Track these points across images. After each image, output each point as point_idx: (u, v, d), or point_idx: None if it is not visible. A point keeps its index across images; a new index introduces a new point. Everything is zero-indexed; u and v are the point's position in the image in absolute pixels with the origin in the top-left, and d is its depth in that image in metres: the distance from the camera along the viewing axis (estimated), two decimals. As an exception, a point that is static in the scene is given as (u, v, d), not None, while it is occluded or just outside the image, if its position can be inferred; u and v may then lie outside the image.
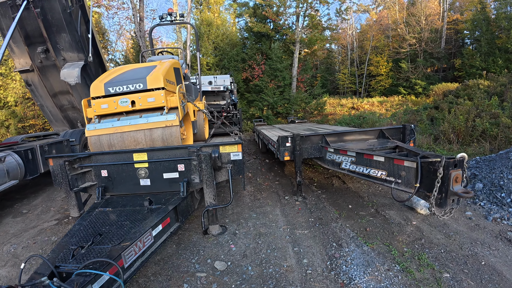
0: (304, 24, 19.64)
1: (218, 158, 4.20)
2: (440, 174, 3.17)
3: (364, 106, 25.15)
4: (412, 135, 6.01)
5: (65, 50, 7.00)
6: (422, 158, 3.61)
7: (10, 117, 13.70)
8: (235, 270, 3.41)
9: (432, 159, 3.32)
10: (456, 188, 3.17)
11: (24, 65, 7.62)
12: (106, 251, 2.67)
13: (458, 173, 3.18)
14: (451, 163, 3.16)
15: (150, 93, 4.41)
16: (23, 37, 6.61)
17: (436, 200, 3.29)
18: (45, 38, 6.54)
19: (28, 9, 5.84)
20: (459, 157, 3.23)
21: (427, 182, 3.40)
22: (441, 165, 3.15)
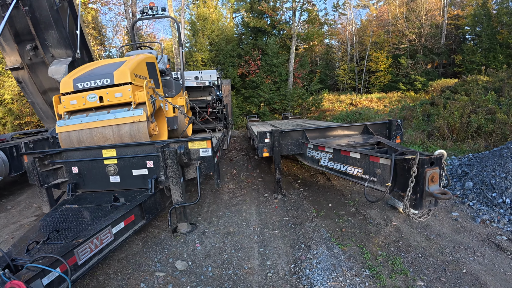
0: (301, 19, 19.16)
1: (184, 155, 3.93)
2: (414, 173, 2.82)
3: (362, 102, 24.64)
4: (399, 131, 5.66)
5: (53, 47, 6.92)
6: (398, 155, 3.28)
7: (7, 114, 13.54)
8: (194, 270, 3.23)
9: (406, 156, 2.97)
10: (432, 188, 2.82)
11: (15, 63, 7.58)
12: (58, 247, 2.61)
13: (434, 172, 2.83)
14: (427, 160, 2.81)
15: (117, 88, 4.24)
16: (13, 35, 6.53)
17: (410, 200, 2.94)
18: (33, 35, 6.43)
19: (17, 7, 5.75)
20: (437, 154, 2.87)
21: (402, 181, 3.06)
22: (415, 162, 2.80)
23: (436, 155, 2.86)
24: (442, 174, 2.96)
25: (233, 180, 6.70)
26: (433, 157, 2.83)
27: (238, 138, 13.03)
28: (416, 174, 2.83)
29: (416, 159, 2.80)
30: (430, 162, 2.83)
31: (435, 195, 2.72)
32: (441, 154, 2.88)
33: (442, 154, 2.88)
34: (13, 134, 8.09)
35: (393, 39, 28.26)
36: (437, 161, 2.86)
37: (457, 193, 4.84)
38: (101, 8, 16.74)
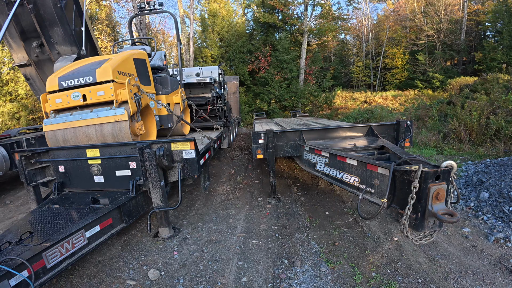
0: (313, 13, 18.38)
1: (163, 157, 3.61)
2: (415, 188, 2.32)
3: (377, 100, 23.66)
4: (408, 133, 5.09)
5: (58, 44, 6.87)
6: (400, 165, 2.78)
7: (21, 109, 13.77)
8: (165, 281, 2.97)
9: (408, 168, 2.47)
10: (437, 207, 2.32)
11: (22, 60, 7.64)
12: (27, 250, 2.55)
13: (440, 188, 2.32)
14: (431, 174, 2.31)
15: (99, 87, 4.02)
16: (19, 32, 6.46)
17: (410, 220, 2.45)
18: (39, 32, 6.34)
19: (22, 5, 5.69)
20: (444, 167, 2.36)
21: (401, 197, 2.56)
22: (417, 176, 2.31)
23: (443, 168, 2.35)
24: (450, 190, 2.45)
25: (230, 181, 6.32)
26: (440, 170, 2.33)
27: (244, 136, 12.63)
28: (418, 189, 2.34)
29: (418, 172, 2.30)
30: (436, 176, 2.33)
31: (439, 217, 2.22)
32: (449, 166, 2.36)
33: (451, 167, 2.37)
34: (20, 130, 8.16)
35: (411, 35, 26.85)
36: (444, 175, 2.35)
37: (470, 205, 4.26)
38: (112, 4, 16.66)
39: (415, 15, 26.16)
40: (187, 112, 6.82)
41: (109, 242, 3.90)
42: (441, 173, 2.34)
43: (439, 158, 7.12)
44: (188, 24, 16.22)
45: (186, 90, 7.99)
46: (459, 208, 4.26)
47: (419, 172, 2.30)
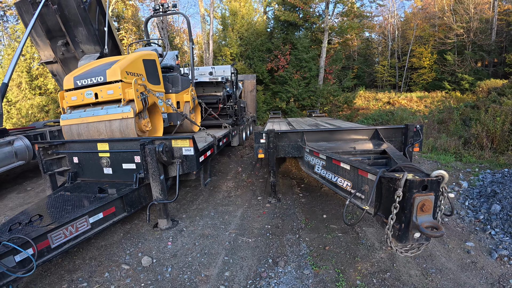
0: (334, 11, 17.85)
1: (163, 153, 3.72)
2: (398, 197, 2.20)
3: (401, 101, 22.60)
4: (417, 138, 4.83)
5: (82, 43, 7.22)
6: (392, 172, 2.64)
7: (50, 102, 14.63)
8: (155, 269, 3.12)
9: (393, 175, 2.33)
10: (422, 219, 2.18)
11: (48, 57, 8.09)
12: (35, 231, 2.76)
13: (426, 199, 2.18)
14: (417, 183, 2.17)
15: (109, 86, 4.26)
16: (45, 31, 6.79)
17: (393, 230, 2.32)
18: (64, 32, 6.64)
19: (47, 5, 5.98)
20: (434, 176, 2.21)
21: (386, 205, 2.43)
22: (400, 184, 2.17)
23: (432, 177, 2.20)
24: (440, 202, 2.29)
25: (235, 178, 6.35)
26: (427, 179, 2.18)
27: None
28: (402, 199, 2.21)
29: (401, 180, 2.17)
30: (422, 185, 2.19)
31: (422, 230, 2.09)
32: (439, 176, 2.21)
33: (441, 177, 2.22)
34: (46, 122, 8.68)
35: (439, 33, 25.31)
36: (432, 185, 2.20)
37: (480, 217, 3.96)
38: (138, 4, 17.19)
39: (443, 13, 24.61)
40: (198, 110, 6.92)
41: (113, 229, 4.12)
42: (429, 183, 2.19)
43: (456, 165, 6.69)
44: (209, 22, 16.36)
45: (199, 88, 8.11)
46: (467, 220, 3.99)
47: (402, 181, 2.17)
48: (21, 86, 13.07)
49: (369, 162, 3.60)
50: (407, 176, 2.18)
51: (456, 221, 4.04)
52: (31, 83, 13.32)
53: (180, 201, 5.10)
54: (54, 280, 3.01)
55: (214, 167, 7.29)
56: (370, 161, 3.61)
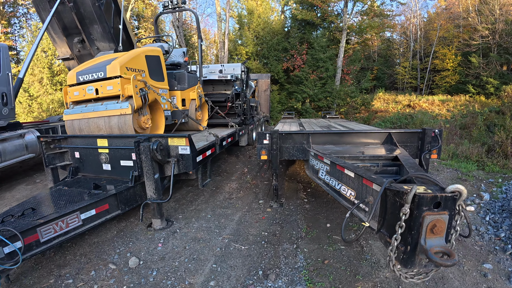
0: (353, 10, 17.13)
1: (157, 151, 3.53)
2: (404, 215, 1.85)
3: (421, 105, 21.50)
4: (435, 144, 4.38)
5: (98, 40, 7.28)
6: (401, 182, 2.29)
7: (69, 97, 14.94)
8: (140, 271, 2.97)
9: (400, 188, 1.98)
10: (432, 243, 1.82)
11: (65, 54, 8.22)
12: (25, 224, 2.73)
13: (438, 219, 1.81)
14: (428, 200, 1.81)
15: (109, 82, 4.17)
16: (61, 29, 6.87)
17: (397, 252, 1.97)
18: (80, 29, 6.70)
19: (63, 3, 6.03)
20: (449, 192, 1.84)
21: (391, 223, 2.08)
22: (407, 200, 1.82)
23: (446, 193, 1.83)
24: (456, 222, 1.91)
25: (239, 179, 6.09)
26: (440, 195, 1.81)
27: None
28: (408, 217, 1.85)
29: (409, 195, 1.82)
30: (434, 202, 1.82)
31: (430, 256, 1.73)
32: (456, 192, 1.84)
33: (459, 192, 1.84)
34: (61, 117, 8.81)
35: (464, 35, 23.82)
36: (446, 203, 1.83)
37: (501, 235, 3.48)
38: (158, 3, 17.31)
39: (468, 14, 23.10)
40: (205, 108, 6.73)
41: (108, 225, 4.02)
42: (442, 199, 1.82)
43: (478, 174, 6.10)
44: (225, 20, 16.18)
45: (209, 86, 7.93)
46: (486, 237, 3.51)
47: (410, 195, 1.81)
48: (42, 81, 13.48)
49: (377, 170, 3.24)
50: (417, 190, 1.82)
51: (475, 238, 3.58)
52: (52, 79, 13.71)
53: (179, 201, 4.91)
54: (43, 274, 2.98)
55: (220, 167, 7.07)
56: (378, 168, 3.24)
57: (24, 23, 18.68)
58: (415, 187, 1.81)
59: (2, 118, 5.55)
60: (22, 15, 19.55)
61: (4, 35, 17.84)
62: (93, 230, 3.90)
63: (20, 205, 3.42)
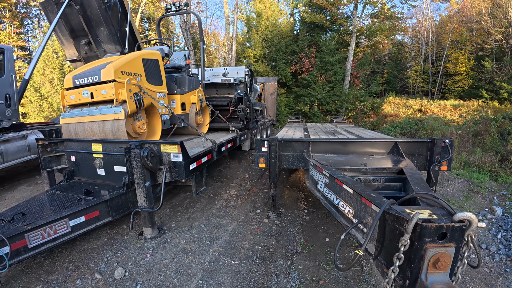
0: (363, 12, 16.69)
1: (147, 158, 3.38)
2: (403, 246, 1.59)
3: (433, 110, 20.86)
4: (446, 155, 4.07)
5: (104, 43, 7.23)
6: (402, 204, 2.04)
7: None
8: (124, 283, 2.84)
9: (401, 213, 1.73)
10: (434, 278, 1.56)
11: (73, 56, 8.22)
12: (14, 229, 2.72)
13: (443, 252, 1.56)
14: (432, 230, 1.55)
15: (103, 86, 4.08)
16: (69, 31, 6.85)
17: (395, 286, 1.71)
18: (86, 31, 6.65)
19: (70, 6, 6.01)
20: (457, 221, 1.58)
21: (389, 251, 1.82)
22: (408, 230, 1.57)
23: (454, 223, 1.57)
24: (463, 255, 1.65)
25: (239, 186, 5.89)
26: (447, 226, 1.55)
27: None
28: (408, 248, 1.60)
29: (409, 224, 1.57)
30: (439, 233, 1.56)
31: (433, 297, 1.47)
32: (466, 220, 1.57)
33: (468, 221, 1.57)
34: None
35: (477, 38, 22.97)
36: (453, 234, 1.57)
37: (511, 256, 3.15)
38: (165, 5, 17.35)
39: (481, 17, 22.26)
40: (207, 112, 6.56)
41: (100, 232, 3.91)
42: (449, 230, 1.56)
43: (491, 186, 5.70)
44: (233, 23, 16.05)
45: (212, 90, 7.77)
46: (497, 257, 3.19)
47: (411, 225, 1.56)
48: (53, 82, 13.65)
49: (379, 185, 2.97)
50: (419, 217, 1.56)
51: (485, 258, 3.25)
52: (62, 79, 13.89)
53: (175, 208, 4.74)
54: (32, 279, 2.95)
55: (221, 172, 6.89)
56: (379, 183, 2.97)
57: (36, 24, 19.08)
58: (417, 215, 1.55)
59: (5, 119, 5.54)
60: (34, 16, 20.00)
61: (16, 35, 18.27)
62: (84, 236, 3.79)
63: (12, 209, 3.38)
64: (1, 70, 5.40)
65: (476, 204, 4.93)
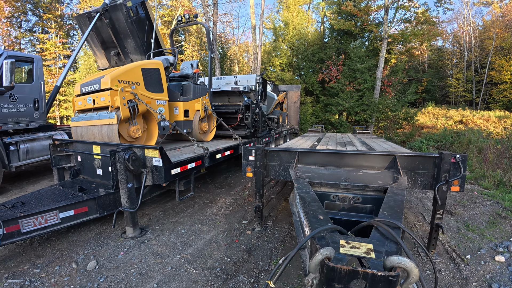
0: (395, 17, 15.50)
1: (128, 161, 3.46)
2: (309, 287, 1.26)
3: (475, 121, 18.57)
4: (456, 173, 3.44)
5: (131, 53, 7.68)
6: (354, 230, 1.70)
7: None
8: (91, 275, 2.96)
9: (320, 245, 1.39)
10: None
11: (104, 65, 8.87)
12: (9, 215, 3.07)
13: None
14: (342, 274, 1.20)
15: (102, 93, 4.30)
16: (100, 42, 7.38)
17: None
18: (115, 43, 7.06)
19: (101, 19, 6.45)
20: (388, 267, 1.20)
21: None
22: (310, 267, 1.24)
23: (380, 270, 1.20)
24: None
25: (237, 194, 5.68)
26: (363, 272, 1.19)
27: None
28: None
29: (312, 261, 1.23)
30: (354, 281, 1.20)
31: None
32: (399, 269, 1.19)
33: (406, 271, 1.19)
34: None
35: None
36: (375, 285, 1.20)
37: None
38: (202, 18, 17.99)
39: None
40: (213, 119, 6.50)
41: (91, 226, 4.11)
42: (367, 279, 1.18)
43: (527, 211, 4.72)
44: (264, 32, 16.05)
45: (225, 98, 7.74)
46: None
47: (313, 262, 1.22)
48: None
49: (345, 205, 2.55)
50: (327, 254, 1.22)
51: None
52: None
53: (166, 210, 4.70)
54: (23, 260, 3.23)
55: (226, 179, 6.75)
56: (347, 204, 2.54)
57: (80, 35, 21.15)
58: (324, 251, 1.21)
59: (34, 121, 6.07)
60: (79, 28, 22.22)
61: (62, 45, 20.35)
62: (77, 229, 4.02)
63: (17, 198, 3.72)
64: (31, 78, 5.94)
65: (501, 232, 4.10)
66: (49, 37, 20.50)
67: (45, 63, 19.27)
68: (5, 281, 2.81)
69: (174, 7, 19.43)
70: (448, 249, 3.59)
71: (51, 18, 20.20)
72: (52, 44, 19.90)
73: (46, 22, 20.38)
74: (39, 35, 20.90)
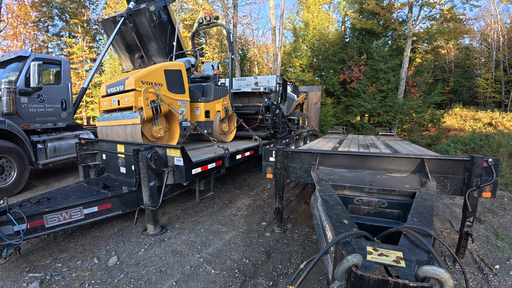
0: (419, 15, 14.80)
1: (151, 160, 3.53)
2: (338, 297, 1.20)
3: (505, 123, 17.37)
4: (489, 178, 3.22)
5: (155, 56, 7.88)
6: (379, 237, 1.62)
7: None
8: (112, 271, 2.99)
9: (347, 253, 1.32)
10: None
11: (129, 68, 9.12)
12: (36, 210, 3.12)
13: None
14: (372, 283, 1.13)
15: (126, 94, 4.41)
16: (124, 46, 7.65)
17: None
18: (139, 46, 7.28)
19: (125, 24, 6.66)
20: (421, 278, 1.12)
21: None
22: (336, 275, 1.18)
23: (412, 280, 1.12)
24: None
25: (257, 195, 5.65)
26: (394, 282, 1.12)
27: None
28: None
29: (338, 269, 1.17)
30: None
31: None
32: (433, 280, 1.10)
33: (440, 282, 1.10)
34: None
35: None
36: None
37: None
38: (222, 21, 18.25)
39: None
40: (233, 120, 6.53)
41: (114, 222, 4.21)
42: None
43: None
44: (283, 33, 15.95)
45: (245, 99, 7.77)
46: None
47: (340, 270, 1.16)
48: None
49: (371, 210, 2.43)
50: (355, 261, 1.15)
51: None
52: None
53: (187, 209, 4.77)
54: (46, 254, 3.29)
55: (246, 180, 6.75)
56: (373, 209, 2.43)
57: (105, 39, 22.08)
58: (351, 258, 1.15)
59: (61, 121, 6.39)
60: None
61: (88, 49, 21.32)
62: (100, 225, 4.12)
63: (42, 194, 3.81)
64: (59, 79, 6.26)
65: (534, 243, 3.77)
66: (76, 41, 21.62)
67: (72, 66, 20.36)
68: (26, 275, 2.86)
69: (195, 10, 19.88)
70: (476, 259, 3.36)
71: (78, 23, 21.28)
72: (79, 48, 20.96)
73: (72, 27, 21.52)
74: (66, 39, 22.11)
